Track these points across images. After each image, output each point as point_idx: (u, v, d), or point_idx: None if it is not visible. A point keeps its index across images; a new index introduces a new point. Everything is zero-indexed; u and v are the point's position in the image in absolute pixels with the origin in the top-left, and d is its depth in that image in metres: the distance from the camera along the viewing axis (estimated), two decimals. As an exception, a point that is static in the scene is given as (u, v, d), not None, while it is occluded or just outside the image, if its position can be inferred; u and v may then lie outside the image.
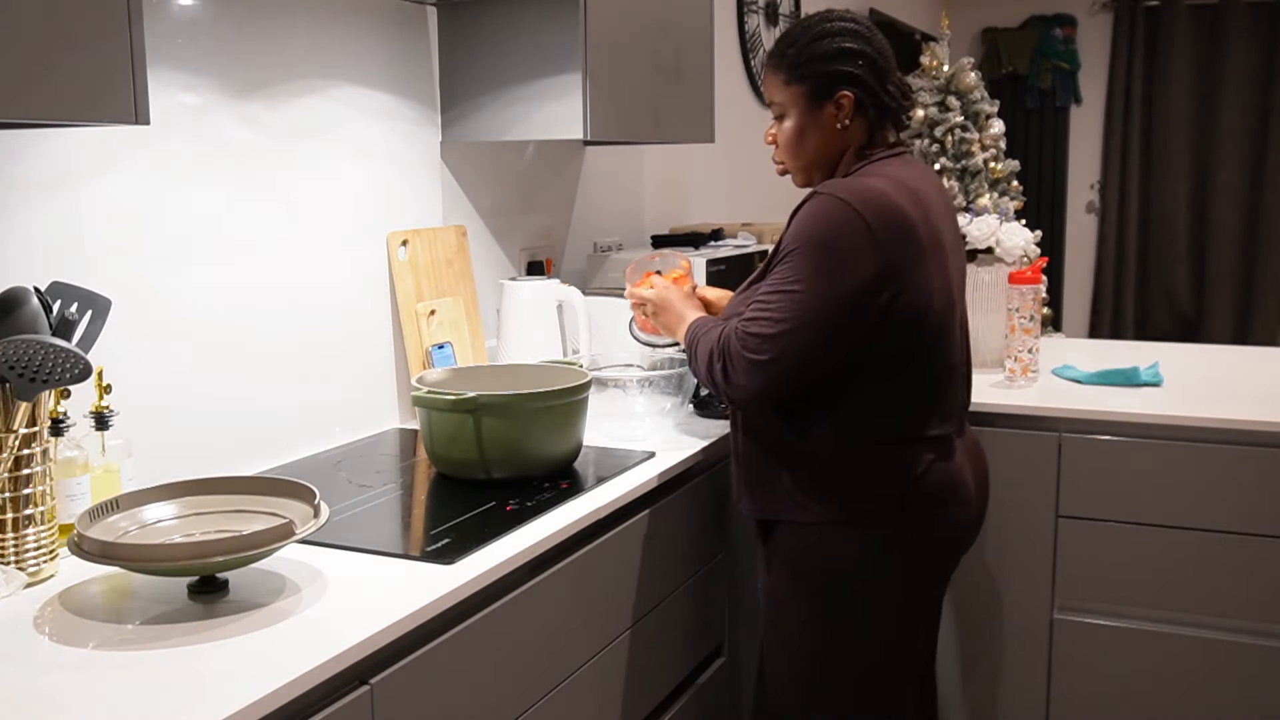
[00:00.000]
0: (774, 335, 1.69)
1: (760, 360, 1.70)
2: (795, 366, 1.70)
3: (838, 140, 1.83)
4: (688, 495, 2.04)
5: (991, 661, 2.46)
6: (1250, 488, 2.21)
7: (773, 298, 1.71)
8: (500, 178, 2.62)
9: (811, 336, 1.69)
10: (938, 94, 3.74)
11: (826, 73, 1.80)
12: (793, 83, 1.83)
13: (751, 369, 1.71)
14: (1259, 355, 2.94)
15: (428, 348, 2.29)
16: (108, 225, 1.68)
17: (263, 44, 1.94)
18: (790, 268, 1.70)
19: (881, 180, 1.74)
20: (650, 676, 1.95)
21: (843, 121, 1.81)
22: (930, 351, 1.79)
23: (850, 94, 1.80)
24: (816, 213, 1.70)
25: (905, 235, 1.70)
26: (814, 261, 1.68)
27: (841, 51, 1.80)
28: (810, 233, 1.69)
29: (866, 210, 1.68)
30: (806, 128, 1.83)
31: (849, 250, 1.67)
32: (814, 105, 1.82)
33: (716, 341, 1.77)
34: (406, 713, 1.35)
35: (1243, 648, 2.25)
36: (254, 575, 1.43)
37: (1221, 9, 6.30)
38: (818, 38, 1.82)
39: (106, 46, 1.30)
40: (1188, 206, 6.50)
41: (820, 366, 1.72)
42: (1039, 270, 2.55)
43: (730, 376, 1.74)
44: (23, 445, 1.41)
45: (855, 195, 1.70)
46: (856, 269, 1.67)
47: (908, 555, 1.81)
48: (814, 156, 1.85)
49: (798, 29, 1.86)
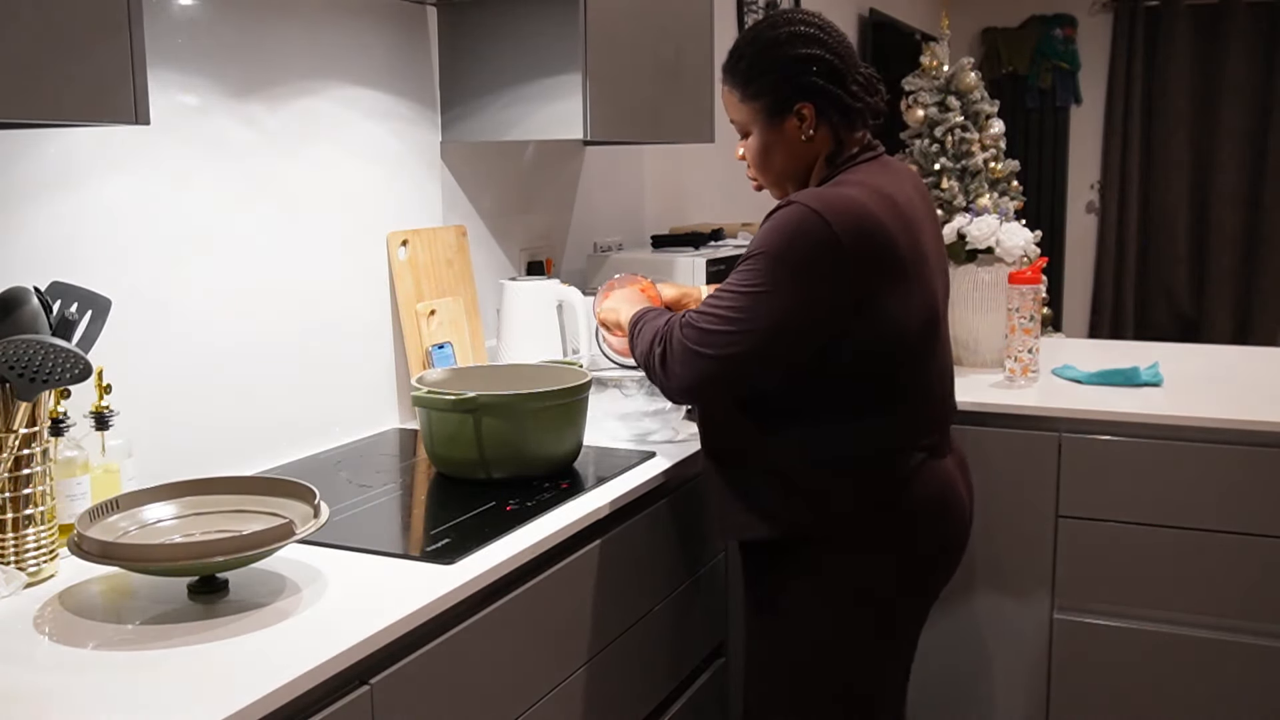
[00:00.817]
0: (717, 331, 1.64)
1: (697, 352, 1.65)
2: (733, 368, 1.65)
3: (805, 151, 1.75)
4: (688, 496, 2.04)
5: (991, 661, 2.46)
6: (1250, 488, 2.21)
7: (725, 296, 1.65)
8: (500, 178, 2.62)
9: (755, 342, 1.62)
10: (938, 94, 3.73)
11: (781, 85, 1.71)
12: (748, 100, 1.75)
13: (687, 359, 1.66)
14: (1259, 355, 2.94)
15: (428, 348, 2.29)
16: (108, 225, 1.68)
17: (263, 44, 1.94)
18: (750, 271, 1.63)
19: (858, 190, 1.65)
20: (649, 677, 1.95)
21: (806, 133, 1.73)
22: (909, 369, 1.72)
23: (810, 104, 1.71)
24: (786, 221, 1.62)
25: (881, 252, 1.62)
26: (774, 270, 1.61)
27: (794, 60, 1.70)
28: (777, 241, 1.62)
29: (840, 223, 1.59)
30: (771, 144, 1.76)
31: (814, 264, 1.60)
32: (774, 120, 1.74)
33: (661, 327, 1.73)
34: (406, 713, 1.35)
35: (1243, 648, 2.25)
36: (254, 575, 1.43)
37: (1221, 9, 6.30)
38: (767, 48, 1.72)
39: (106, 46, 1.30)
40: (1188, 206, 6.50)
41: (762, 375, 1.67)
42: (1039, 270, 2.55)
43: (667, 364, 1.70)
44: (23, 445, 1.41)
45: (829, 206, 1.61)
46: (819, 284, 1.60)
47: (883, 574, 1.76)
48: (783, 170, 1.78)
49: (745, 40, 1.76)
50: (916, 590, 1.83)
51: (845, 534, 1.75)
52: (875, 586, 1.77)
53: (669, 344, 1.70)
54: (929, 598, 1.86)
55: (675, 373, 1.69)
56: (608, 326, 1.99)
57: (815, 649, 1.80)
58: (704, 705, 2.15)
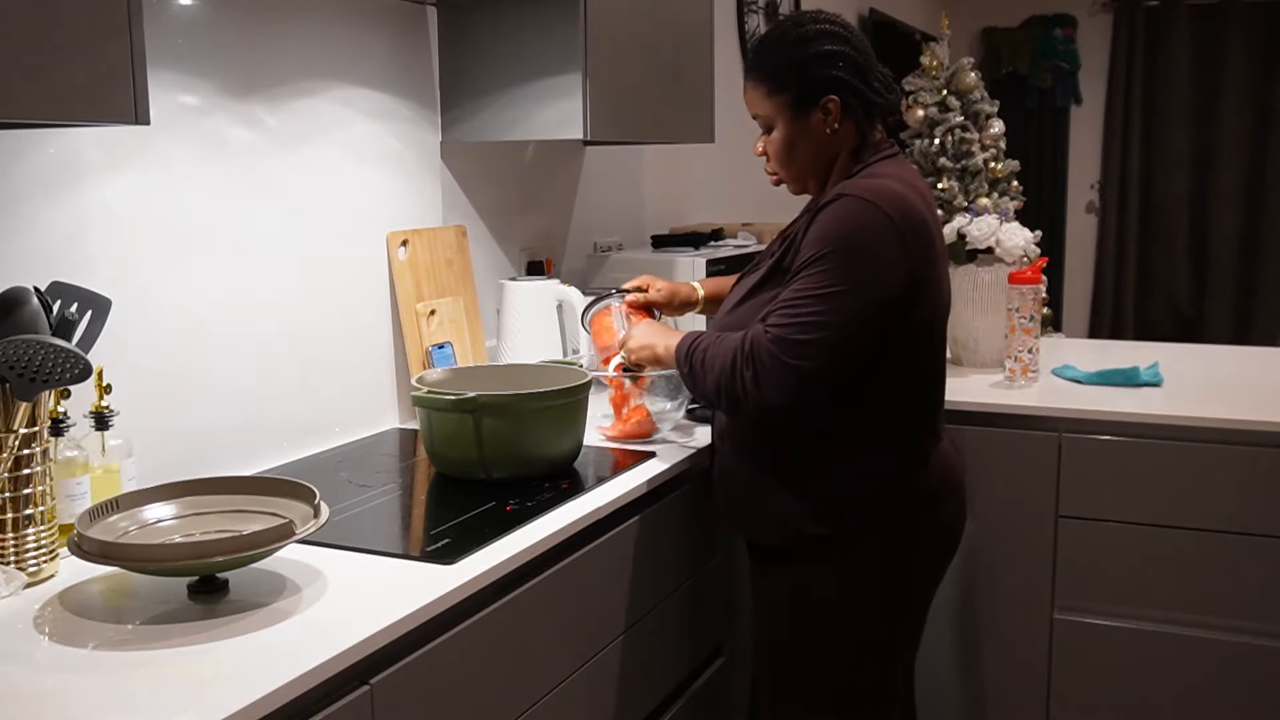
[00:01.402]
0: (810, 341, 1.64)
1: (797, 366, 1.65)
2: (829, 372, 1.67)
3: (829, 145, 1.79)
4: (687, 495, 2.04)
5: (991, 661, 2.46)
6: (1250, 488, 2.21)
7: (806, 301, 1.65)
8: (500, 178, 2.62)
9: (846, 341, 1.66)
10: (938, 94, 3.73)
11: (809, 80, 1.75)
12: (775, 94, 1.78)
13: (785, 373, 1.65)
14: (1259, 355, 2.94)
15: (428, 348, 2.29)
16: (108, 225, 1.68)
17: (263, 44, 1.94)
18: (822, 272, 1.65)
19: (893, 182, 1.72)
20: (650, 677, 1.95)
21: (831, 126, 1.77)
22: (935, 354, 1.80)
23: (836, 98, 1.75)
24: (845, 215, 1.66)
25: (927, 239, 1.71)
26: (847, 264, 1.64)
27: (821, 55, 1.75)
28: (840, 235, 1.65)
29: (894, 212, 1.66)
30: (795, 137, 1.79)
31: (880, 253, 1.65)
32: (800, 114, 1.77)
33: (740, 349, 1.69)
34: (406, 713, 1.34)
35: (1243, 648, 2.25)
36: (254, 575, 1.43)
37: (1221, 9, 6.30)
38: (795, 44, 1.76)
39: (106, 46, 1.30)
40: (1188, 206, 6.50)
41: (845, 371, 1.70)
42: (1039, 270, 2.55)
43: (761, 382, 1.67)
44: (23, 445, 1.41)
45: (880, 197, 1.67)
46: (889, 272, 1.66)
47: (910, 561, 1.81)
48: (806, 164, 1.81)
49: (772, 38, 1.81)
50: (931, 575, 1.88)
51: (878, 524, 1.78)
52: (894, 574, 1.80)
53: (758, 363, 1.67)
54: (937, 583, 1.91)
55: (771, 389, 1.67)
56: (639, 364, 1.99)
57: (831, 641, 1.82)
58: (704, 705, 2.15)
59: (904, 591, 1.84)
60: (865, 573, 1.79)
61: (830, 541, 1.78)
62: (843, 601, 1.80)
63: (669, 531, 1.99)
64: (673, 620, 2.02)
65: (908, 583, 1.84)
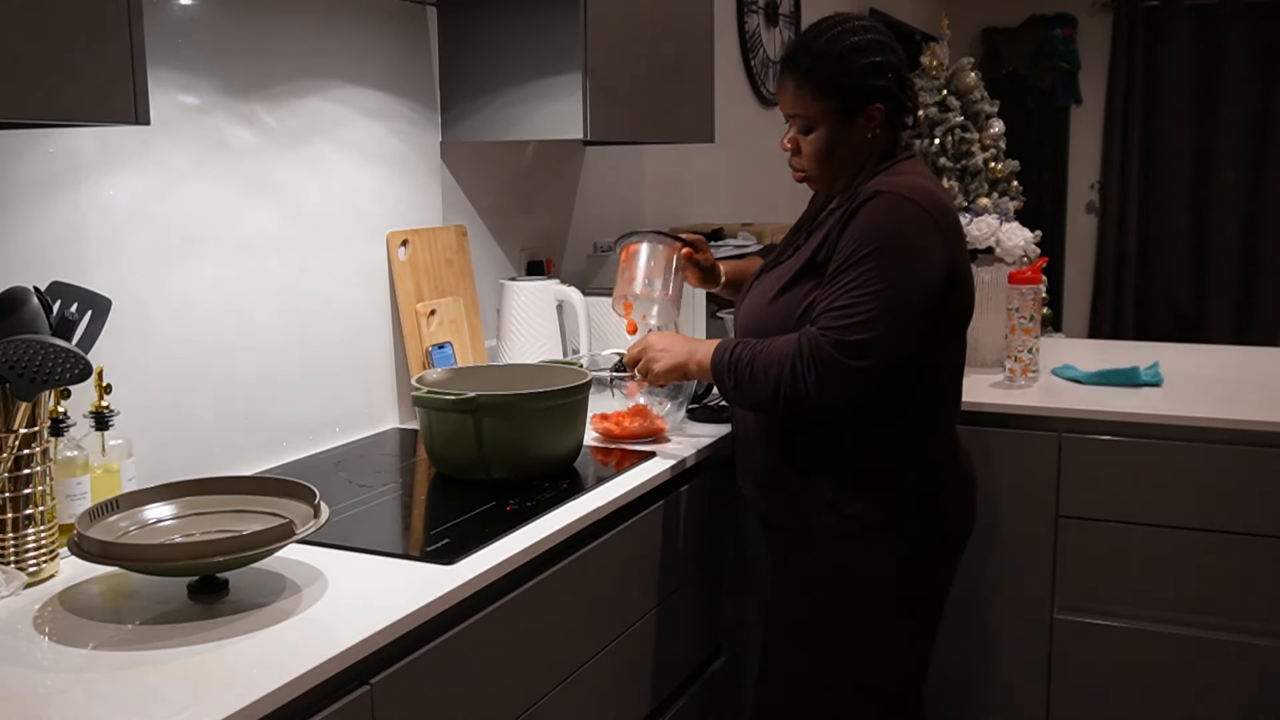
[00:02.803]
0: (872, 340, 1.67)
1: (862, 366, 1.67)
2: (888, 369, 1.71)
3: (867, 148, 1.83)
4: (687, 495, 2.04)
5: (992, 661, 2.46)
6: (1250, 488, 2.21)
7: (859, 300, 1.67)
8: (500, 178, 2.62)
9: (901, 336, 1.70)
10: (938, 94, 3.74)
11: (860, 88, 1.79)
12: (823, 97, 1.80)
13: (849, 374, 1.67)
14: (1259, 355, 2.94)
15: (428, 348, 2.29)
16: (108, 225, 1.68)
17: (263, 44, 1.94)
18: (871, 269, 1.68)
19: (922, 178, 1.80)
20: (650, 676, 1.95)
21: (873, 131, 1.82)
22: (963, 344, 1.87)
23: (882, 106, 1.80)
24: (886, 212, 1.71)
25: (959, 230, 1.79)
26: (893, 261, 1.69)
27: (873, 66, 1.79)
28: (884, 232, 1.70)
29: (930, 206, 1.73)
30: (838, 140, 1.82)
31: (923, 247, 1.71)
32: (846, 118, 1.81)
33: (797, 354, 1.69)
34: (406, 713, 1.34)
35: (1243, 648, 2.25)
36: (254, 575, 1.43)
37: (1221, 9, 6.30)
38: (848, 52, 1.79)
39: (106, 46, 1.30)
40: (1188, 206, 6.50)
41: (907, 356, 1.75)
42: (1039, 270, 2.55)
43: (825, 386, 1.68)
44: (23, 445, 1.41)
45: (915, 192, 1.74)
46: (933, 265, 1.72)
47: (934, 548, 1.87)
48: (843, 166, 1.85)
49: (823, 41, 1.82)
50: (955, 560, 1.93)
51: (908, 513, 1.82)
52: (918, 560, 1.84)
53: (820, 367, 1.68)
54: (952, 577, 1.95)
55: (837, 392, 1.69)
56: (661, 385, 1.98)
57: (847, 639, 1.84)
58: (704, 705, 2.15)
59: (927, 578, 1.89)
60: (888, 558, 1.82)
61: (860, 525, 1.80)
62: (867, 584, 1.83)
63: (669, 531, 1.99)
64: (673, 620, 2.02)
65: (930, 569, 1.89)
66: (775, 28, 4.20)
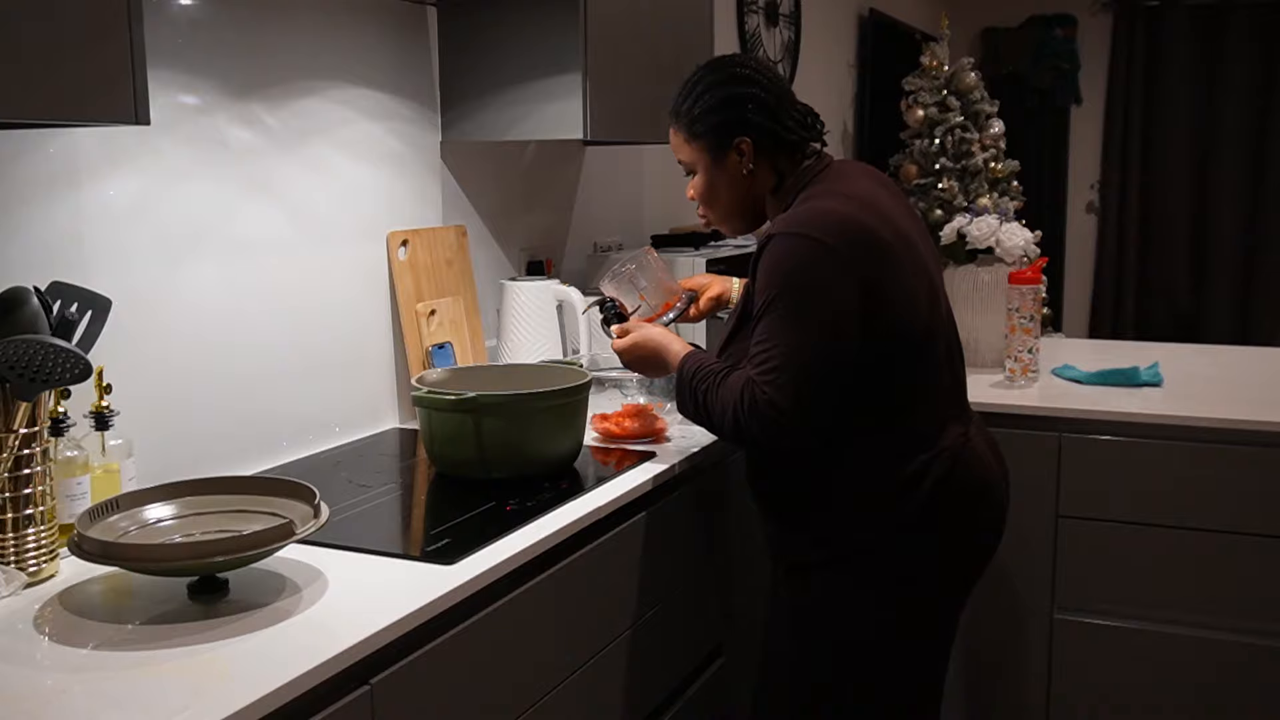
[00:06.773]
0: (790, 385, 1.64)
1: (791, 410, 1.65)
2: (824, 408, 1.68)
3: (747, 185, 1.84)
4: (687, 495, 2.04)
5: (991, 661, 2.46)
6: (1250, 488, 2.22)
7: (772, 349, 1.67)
8: (500, 178, 2.62)
9: (825, 377, 1.67)
10: (938, 94, 3.73)
11: (720, 123, 1.81)
12: (692, 140, 1.84)
13: (785, 421, 1.66)
14: (1259, 355, 2.94)
15: (428, 348, 2.29)
16: (108, 225, 1.68)
17: (263, 44, 1.94)
18: (775, 317, 1.67)
19: (825, 200, 1.74)
20: (650, 676, 1.95)
21: (746, 167, 1.82)
22: (928, 347, 1.77)
23: (748, 139, 1.80)
24: (780, 255, 1.69)
25: (869, 244, 1.69)
26: (796, 302, 1.66)
27: (730, 99, 1.80)
28: (782, 275, 1.68)
29: (825, 235, 1.67)
30: (715, 180, 1.85)
31: (824, 280, 1.66)
32: (718, 156, 1.83)
33: (739, 401, 1.69)
34: (406, 713, 1.35)
35: (1243, 648, 2.25)
36: (254, 575, 1.43)
37: (1221, 9, 6.30)
38: (706, 90, 1.82)
39: (106, 46, 1.30)
40: (1188, 206, 6.49)
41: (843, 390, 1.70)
42: (1039, 270, 2.55)
43: (771, 434, 1.68)
44: (23, 445, 1.41)
45: (808, 225, 1.69)
46: (839, 299, 1.66)
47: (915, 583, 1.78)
48: (730, 205, 1.87)
49: (687, 85, 1.87)
50: (958, 581, 1.84)
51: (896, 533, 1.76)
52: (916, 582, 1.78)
53: (759, 417, 1.67)
54: (968, 590, 1.87)
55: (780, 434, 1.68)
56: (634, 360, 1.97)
57: (852, 653, 1.80)
58: (704, 705, 2.15)
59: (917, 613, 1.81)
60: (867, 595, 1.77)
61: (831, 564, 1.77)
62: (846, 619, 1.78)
63: (669, 531, 1.99)
64: (673, 620, 2.02)
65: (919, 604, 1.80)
66: (775, 28, 4.21)
